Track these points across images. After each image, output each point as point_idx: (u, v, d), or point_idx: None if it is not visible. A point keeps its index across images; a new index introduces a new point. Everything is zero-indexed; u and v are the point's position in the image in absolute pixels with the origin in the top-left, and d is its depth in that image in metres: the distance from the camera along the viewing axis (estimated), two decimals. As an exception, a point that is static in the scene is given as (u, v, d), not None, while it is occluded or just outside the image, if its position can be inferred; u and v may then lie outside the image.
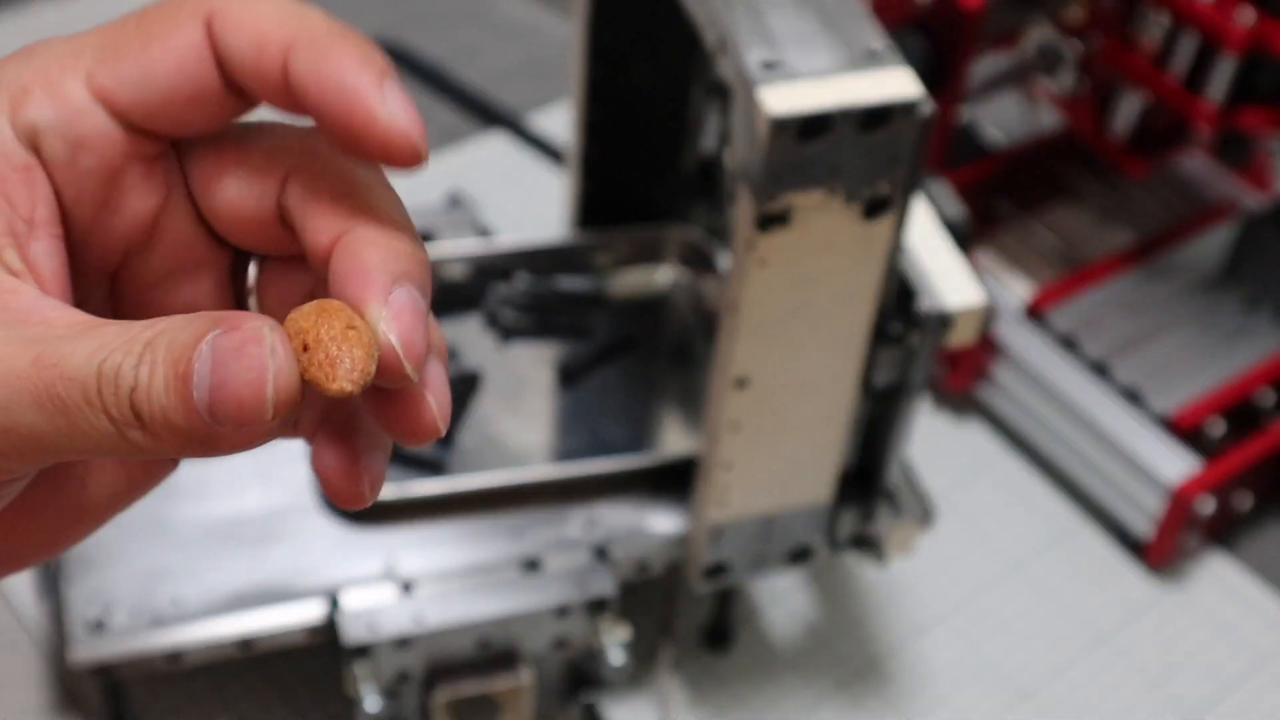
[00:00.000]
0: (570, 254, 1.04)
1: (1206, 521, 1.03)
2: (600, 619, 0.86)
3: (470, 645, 0.84)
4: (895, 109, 0.69)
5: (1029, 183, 1.25)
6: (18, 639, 0.96)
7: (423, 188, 1.29)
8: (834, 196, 0.71)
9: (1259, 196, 1.24)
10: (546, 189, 1.31)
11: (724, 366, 0.77)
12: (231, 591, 0.84)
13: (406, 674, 0.84)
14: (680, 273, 1.05)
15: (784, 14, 0.72)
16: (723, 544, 0.86)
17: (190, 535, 0.87)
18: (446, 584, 0.85)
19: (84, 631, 0.82)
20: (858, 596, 1.03)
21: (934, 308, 0.78)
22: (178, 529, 0.87)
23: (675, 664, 0.97)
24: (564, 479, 0.90)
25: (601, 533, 0.89)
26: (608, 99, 0.99)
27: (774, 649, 0.99)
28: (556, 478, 0.90)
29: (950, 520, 1.08)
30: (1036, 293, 1.13)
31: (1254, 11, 0.99)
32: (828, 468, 0.84)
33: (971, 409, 1.15)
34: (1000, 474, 1.11)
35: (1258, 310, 1.14)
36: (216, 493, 0.89)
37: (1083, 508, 1.09)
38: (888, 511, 0.88)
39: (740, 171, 0.71)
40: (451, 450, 0.93)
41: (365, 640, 0.81)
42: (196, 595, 0.84)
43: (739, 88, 0.70)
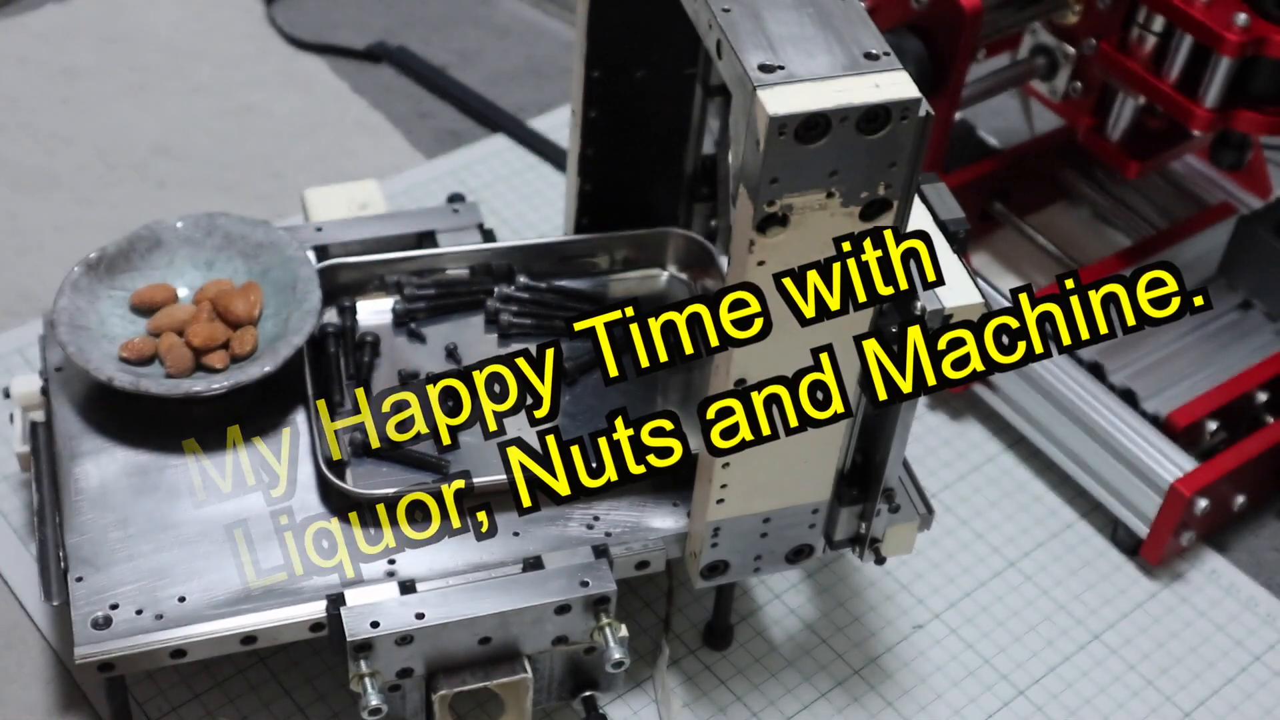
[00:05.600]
0: (570, 255, 1.04)
1: (1201, 521, 1.04)
2: (600, 616, 0.86)
3: (471, 642, 0.85)
4: (893, 111, 0.69)
5: (1026, 184, 1.25)
6: (25, 637, 0.96)
7: (425, 189, 1.30)
8: (832, 198, 0.71)
9: (1253, 198, 1.24)
10: (547, 191, 1.32)
11: (724, 366, 0.78)
12: (235, 590, 0.85)
13: (408, 671, 0.84)
14: (680, 273, 1.06)
15: (783, 17, 0.73)
16: (722, 543, 0.86)
17: (194, 534, 0.88)
18: (447, 582, 0.86)
19: (89, 629, 0.82)
20: (856, 595, 1.03)
21: (932, 308, 0.78)
22: (181, 528, 0.88)
23: (674, 662, 0.98)
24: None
25: (601, 531, 0.89)
26: (608, 101, 1.00)
27: (773, 647, 1.00)
28: (557, 477, 0.91)
29: (947, 519, 1.08)
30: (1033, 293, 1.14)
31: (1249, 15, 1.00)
32: (826, 467, 0.84)
33: (969, 409, 1.16)
34: (997, 474, 1.12)
35: (1251, 312, 1.15)
36: (219, 493, 0.90)
37: (1078, 507, 1.10)
38: (886, 511, 0.88)
39: (739, 173, 0.72)
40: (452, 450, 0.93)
41: (367, 637, 0.82)
42: (200, 593, 0.85)
43: (738, 90, 0.71)
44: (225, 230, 0.99)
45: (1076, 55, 1.12)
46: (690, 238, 1.04)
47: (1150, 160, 1.13)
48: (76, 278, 0.96)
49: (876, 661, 1.00)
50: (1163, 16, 1.04)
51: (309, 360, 0.94)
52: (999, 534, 1.08)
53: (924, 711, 0.97)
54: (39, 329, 1.08)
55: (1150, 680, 1.00)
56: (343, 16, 1.50)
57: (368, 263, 1.01)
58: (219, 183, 1.30)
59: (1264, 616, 1.04)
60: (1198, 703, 0.99)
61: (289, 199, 1.29)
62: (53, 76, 1.39)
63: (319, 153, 1.34)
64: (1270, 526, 1.11)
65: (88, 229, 1.24)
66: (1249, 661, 1.02)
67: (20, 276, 1.20)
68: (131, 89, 1.39)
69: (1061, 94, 1.14)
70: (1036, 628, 1.03)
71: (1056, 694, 0.99)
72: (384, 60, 1.44)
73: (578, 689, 0.91)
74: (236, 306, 0.95)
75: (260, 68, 1.43)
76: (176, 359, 0.93)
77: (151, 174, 1.30)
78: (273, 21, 1.48)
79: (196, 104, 1.38)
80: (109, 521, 0.88)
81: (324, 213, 1.09)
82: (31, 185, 1.28)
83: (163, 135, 1.34)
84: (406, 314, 1.01)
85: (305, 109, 1.38)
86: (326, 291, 0.98)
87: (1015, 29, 1.10)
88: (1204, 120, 1.05)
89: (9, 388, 0.98)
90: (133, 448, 0.92)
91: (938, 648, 1.01)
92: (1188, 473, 1.02)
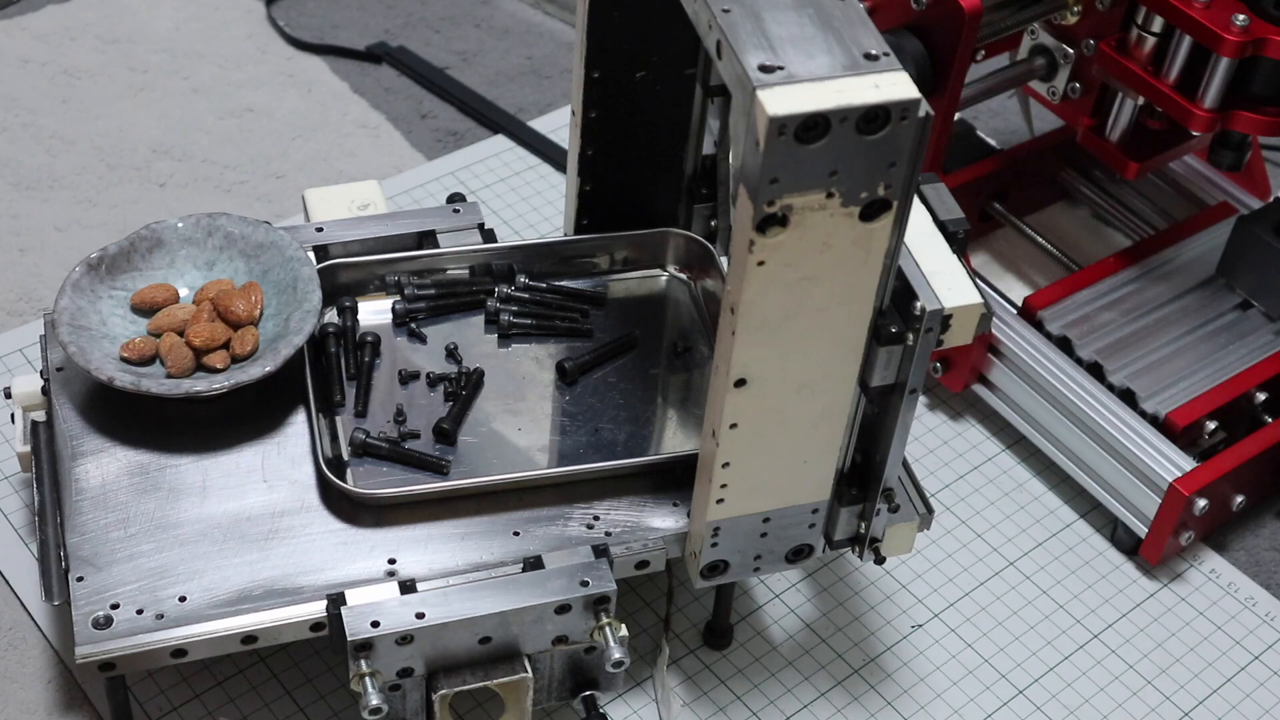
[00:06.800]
0: (570, 255, 1.05)
1: (1200, 521, 1.04)
2: (600, 616, 0.86)
3: (471, 642, 0.85)
4: (893, 111, 0.70)
5: (1025, 184, 1.25)
6: (26, 636, 0.96)
7: (425, 189, 1.30)
8: (832, 198, 0.72)
9: (1253, 199, 1.25)
10: (547, 191, 1.32)
11: (723, 367, 0.78)
12: (235, 589, 0.85)
13: (408, 670, 0.84)
14: (680, 274, 1.06)
15: (783, 17, 0.73)
16: (722, 543, 0.86)
17: (194, 534, 0.88)
18: (447, 582, 0.86)
19: (90, 629, 0.82)
20: (856, 594, 1.03)
21: (931, 308, 0.79)
22: (182, 528, 0.88)
23: (674, 661, 0.98)
24: (564, 479, 0.91)
25: (601, 531, 0.89)
26: (608, 101, 1.00)
27: (773, 646, 1.00)
28: (556, 478, 0.91)
29: (946, 519, 1.09)
30: (1032, 294, 1.14)
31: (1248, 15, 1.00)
32: (826, 467, 0.85)
33: (969, 409, 1.16)
34: (996, 474, 1.12)
35: (1250, 312, 1.15)
36: (220, 492, 0.90)
37: (1078, 507, 1.10)
38: (886, 511, 0.89)
39: (739, 173, 0.72)
40: (452, 450, 0.93)
41: (368, 637, 0.82)
42: (201, 593, 0.85)
43: (738, 90, 0.71)
44: (226, 230, 0.99)
45: (1076, 56, 1.12)
46: (690, 238, 1.05)
47: (1149, 161, 1.13)
48: (77, 278, 0.96)
49: (876, 661, 1.00)
50: (1162, 17, 1.04)
51: (309, 360, 0.94)
52: (998, 534, 1.08)
53: (923, 711, 0.97)
54: (40, 329, 1.08)
55: (1149, 680, 1.00)
56: (343, 17, 1.50)
57: (368, 263, 1.01)
58: (219, 183, 1.30)
59: (1263, 616, 1.05)
60: (1197, 702, 0.99)
61: (289, 199, 1.29)
62: (54, 77, 1.39)
63: (319, 153, 1.34)
64: (1269, 526, 1.11)
65: (89, 229, 1.25)
66: (1248, 661, 1.02)
67: (21, 276, 1.20)
68: (132, 89, 1.39)
69: (1061, 94, 1.14)
70: (1036, 627, 1.03)
71: (1056, 693, 0.99)
72: (384, 60, 1.44)
73: (578, 688, 0.91)
74: (237, 306, 0.95)
75: (261, 68, 1.43)
76: (177, 359, 0.93)
77: (152, 174, 1.31)
78: (273, 22, 1.48)
79: (197, 104, 1.38)
80: (110, 521, 0.88)
81: (324, 213, 1.09)
82: (32, 185, 1.28)
83: (163, 135, 1.34)
84: (407, 314, 1.01)
85: (305, 109, 1.39)
86: (327, 291, 0.98)
87: (1015, 29, 1.10)
88: (1203, 121, 1.05)
89: (10, 387, 0.98)
90: (133, 448, 0.92)
91: (937, 647, 1.01)
92: (1187, 472, 1.02)
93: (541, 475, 0.91)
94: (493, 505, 0.90)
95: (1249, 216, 1.15)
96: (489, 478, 0.90)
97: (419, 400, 0.96)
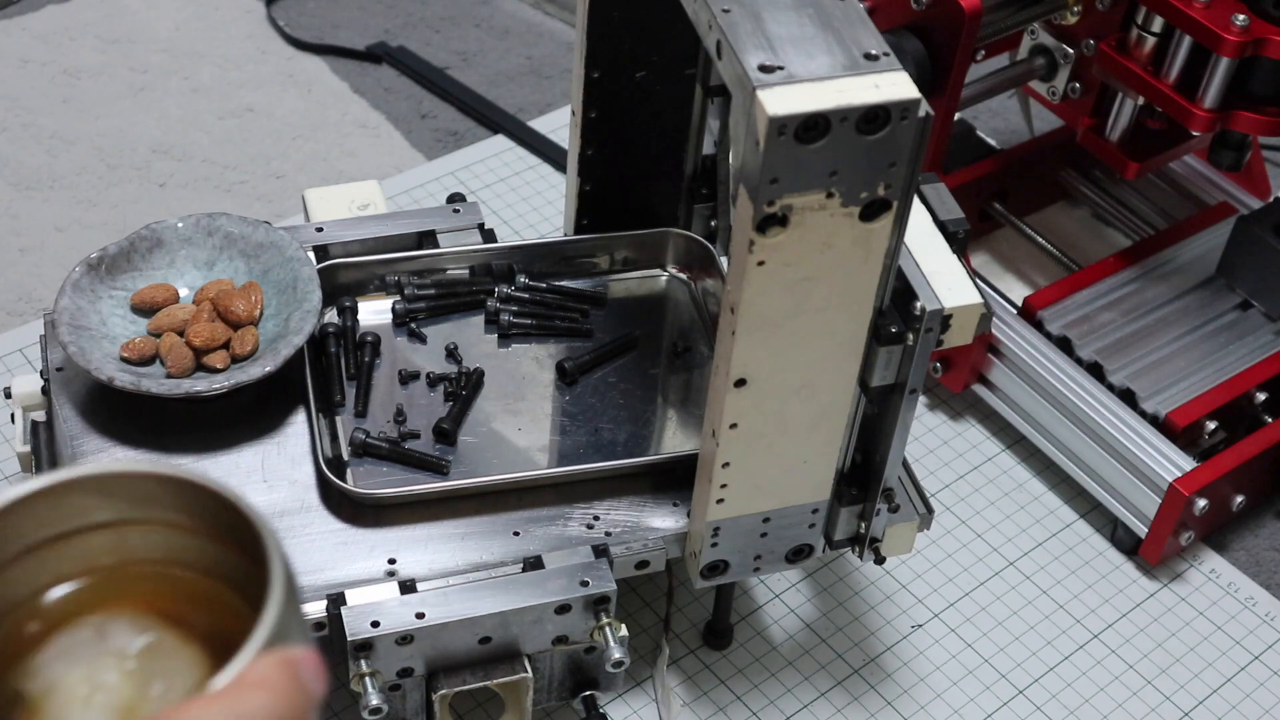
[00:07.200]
0: (570, 255, 1.05)
1: (1200, 521, 1.04)
2: (600, 616, 0.86)
3: (471, 642, 0.85)
4: (893, 111, 0.70)
5: (1025, 185, 1.25)
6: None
7: (425, 189, 1.30)
8: (832, 198, 0.72)
9: (1253, 199, 1.25)
10: (547, 191, 1.32)
11: (723, 367, 0.78)
12: (235, 589, 0.85)
13: (408, 670, 0.84)
14: (680, 274, 1.06)
15: (783, 17, 0.73)
16: (722, 543, 0.86)
17: (194, 533, 0.88)
18: (447, 582, 0.86)
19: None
20: (855, 594, 1.03)
21: (931, 308, 0.79)
22: (182, 527, 0.88)
23: (674, 661, 0.98)
24: (564, 479, 0.91)
25: (601, 531, 0.89)
26: (608, 101, 1.00)
27: (772, 646, 1.00)
28: (556, 478, 0.91)
29: (946, 519, 1.09)
30: (1032, 294, 1.14)
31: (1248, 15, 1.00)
32: (826, 467, 0.85)
33: (969, 409, 1.16)
34: (996, 474, 1.12)
35: (1250, 312, 1.15)
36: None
37: (1078, 507, 1.10)
38: (886, 510, 0.89)
39: (739, 173, 0.72)
40: (452, 450, 0.93)
41: (368, 637, 0.82)
42: (201, 592, 0.85)
43: (738, 90, 0.71)
44: (226, 230, 0.99)
45: (1076, 56, 1.12)
46: (690, 238, 1.05)
47: (1149, 161, 1.13)
48: (77, 278, 0.96)
49: (876, 661, 1.00)
50: (1162, 17, 1.04)
51: (309, 360, 0.94)
52: (998, 534, 1.08)
53: (923, 711, 0.97)
54: (40, 329, 1.08)
55: (1149, 680, 1.00)
56: (343, 17, 1.50)
57: (368, 263, 1.01)
58: (219, 183, 1.30)
59: (1263, 616, 1.05)
60: (1196, 702, 0.99)
61: (289, 199, 1.29)
62: (54, 77, 1.40)
63: (319, 153, 1.34)
64: (1269, 526, 1.11)
65: (89, 229, 1.25)
66: (1248, 661, 1.02)
67: (21, 276, 1.20)
68: (132, 89, 1.39)
69: (1061, 94, 1.15)
70: (1036, 627, 1.03)
71: (1055, 693, 0.99)
72: (384, 60, 1.45)
73: (578, 688, 0.91)
74: (237, 306, 0.95)
75: (261, 68, 1.43)
76: (177, 359, 0.93)
77: (152, 174, 1.31)
78: (273, 22, 1.48)
79: (197, 104, 1.38)
80: (110, 521, 0.88)
81: (324, 213, 1.09)
82: (33, 185, 1.28)
83: (163, 135, 1.34)
84: (407, 314, 1.01)
85: (305, 109, 1.39)
86: (327, 291, 0.98)
87: (1015, 29, 1.10)
88: (1203, 121, 1.05)
89: (10, 387, 0.98)
90: (133, 447, 0.92)
91: (937, 647, 1.01)
92: (1187, 472, 1.02)
93: (541, 475, 0.91)
94: (493, 505, 0.90)
95: (1249, 216, 1.15)
96: (489, 478, 0.90)
97: (419, 400, 0.96)
